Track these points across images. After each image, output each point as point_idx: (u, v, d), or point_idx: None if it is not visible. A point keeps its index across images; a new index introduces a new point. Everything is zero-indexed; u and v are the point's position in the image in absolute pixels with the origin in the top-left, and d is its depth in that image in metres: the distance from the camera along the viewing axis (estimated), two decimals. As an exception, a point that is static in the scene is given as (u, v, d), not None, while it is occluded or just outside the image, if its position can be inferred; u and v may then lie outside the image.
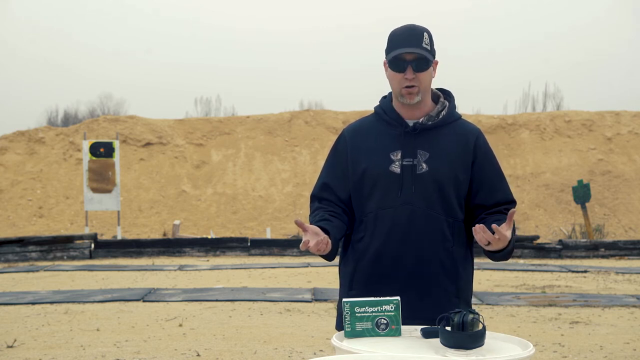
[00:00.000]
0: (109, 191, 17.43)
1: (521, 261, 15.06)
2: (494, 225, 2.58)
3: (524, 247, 15.77)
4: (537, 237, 16.49)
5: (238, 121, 25.67)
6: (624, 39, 64.01)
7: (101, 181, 17.40)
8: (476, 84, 57.18)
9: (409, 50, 2.74)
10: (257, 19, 72.08)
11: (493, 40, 68.31)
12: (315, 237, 2.68)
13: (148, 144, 24.46)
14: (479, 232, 2.60)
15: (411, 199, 2.77)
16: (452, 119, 2.88)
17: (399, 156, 2.80)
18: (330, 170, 2.92)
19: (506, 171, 23.88)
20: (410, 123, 2.84)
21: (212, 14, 76.89)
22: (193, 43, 68.07)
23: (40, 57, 68.26)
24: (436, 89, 2.95)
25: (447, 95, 2.95)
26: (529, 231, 20.88)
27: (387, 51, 2.82)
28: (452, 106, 2.91)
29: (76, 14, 72.98)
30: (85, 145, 17.53)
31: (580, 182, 18.19)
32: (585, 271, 12.82)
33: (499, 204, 2.84)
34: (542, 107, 32.02)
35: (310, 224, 2.79)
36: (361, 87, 60.05)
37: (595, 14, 69.33)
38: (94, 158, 17.40)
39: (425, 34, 2.79)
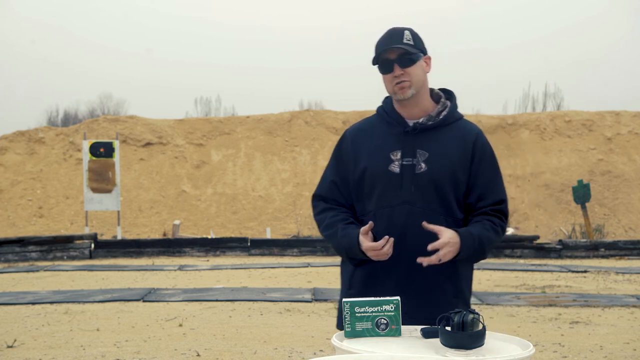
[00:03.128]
0: (109, 191, 17.43)
1: (521, 261, 15.06)
2: (428, 249, 2.68)
3: (524, 247, 15.77)
4: (537, 237, 16.48)
5: (238, 121, 25.68)
6: (624, 39, 64.05)
7: (101, 181, 17.40)
8: (476, 83, 57.17)
9: (389, 46, 2.79)
10: (257, 18, 72.09)
11: (493, 39, 68.31)
12: (382, 242, 2.72)
13: (148, 144, 24.46)
14: (424, 261, 2.69)
15: (410, 198, 2.78)
16: (453, 119, 2.89)
17: (398, 156, 2.81)
18: (335, 171, 2.93)
19: (506, 171, 23.88)
20: (411, 123, 2.85)
21: (212, 13, 76.92)
22: (193, 43, 68.10)
23: (40, 56, 68.28)
24: (438, 89, 2.96)
25: (449, 95, 2.96)
26: (529, 231, 20.88)
27: (374, 57, 2.86)
28: (454, 106, 2.92)
29: (76, 13, 73.00)
30: (85, 145, 17.53)
31: (580, 182, 18.19)
32: (585, 271, 12.81)
33: (488, 205, 2.85)
34: (542, 107, 32.02)
35: (334, 223, 2.85)
36: (361, 87, 60.04)
37: (596, 13, 69.36)
38: (94, 158, 17.40)
39: (406, 32, 2.83)
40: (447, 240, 2.67)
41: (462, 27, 67.10)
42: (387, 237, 2.71)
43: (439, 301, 2.76)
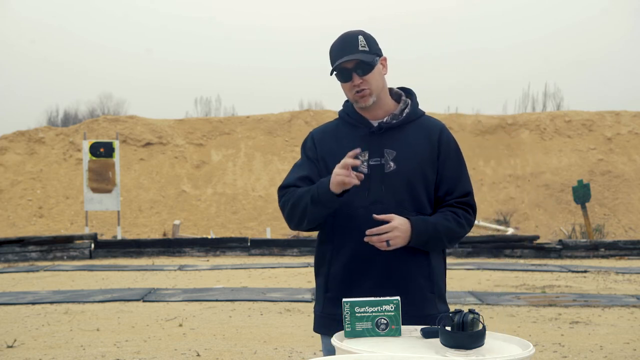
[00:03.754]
0: (109, 191, 17.43)
1: (521, 261, 15.06)
2: (368, 231, 2.66)
3: (524, 247, 15.77)
4: (537, 237, 16.48)
5: (238, 121, 25.68)
6: (624, 39, 64.07)
7: (101, 181, 17.40)
8: (476, 83, 57.19)
9: (346, 59, 2.76)
10: (257, 18, 72.10)
11: (493, 39, 68.33)
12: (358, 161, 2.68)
13: (148, 144, 24.47)
14: (371, 239, 2.67)
15: (381, 197, 2.78)
16: (416, 116, 2.90)
17: (366, 156, 2.81)
18: (305, 167, 2.89)
19: (506, 171, 23.88)
20: (375, 123, 2.86)
21: (212, 13, 76.92)
22: (193, 43, 68.12)
23: (40, 56, 68.30)
24: (398, 87, 2.97)
25: (408, 93, 2.96)
26: (529, 231, 20.88)
27: (331, 66, 2.84)
28: (415, 103, 2.93)
29: (76, 13, 73.01)
30: (85, 145, 17.53)
31: (580, 182, 18.19)
32: (585, 271, 12.81)
33: (454, 198, 2.87)
34: (542, 107, 32.04)
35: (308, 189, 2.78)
36: (361, 87, 59.91)
37: (596, 13, 69.38)
38: (94, 158, 17.40)
39: (360, 36, 2.81)
40: (395, 225, 2.68)
41: (462, 27, 67.14)
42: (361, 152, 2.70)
43: (415, 298, 2.77)
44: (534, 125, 25.27)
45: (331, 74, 2.84)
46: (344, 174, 2.64)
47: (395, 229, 2.68)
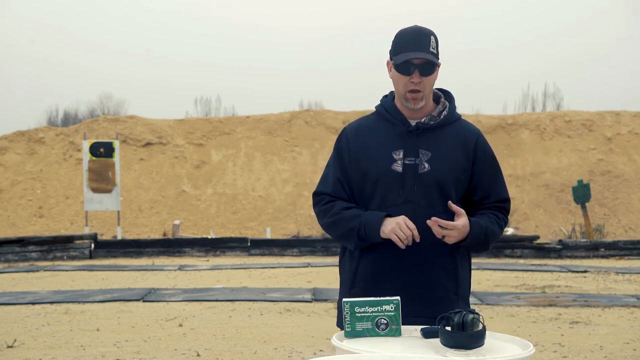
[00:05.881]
0: (109, 191, 17.42)
1: (521, 261, 15.06)
2: (434, 218, 2.68)
3: (524, 247, 15.76)
4: (537, 237, 16.48)
5: (238, 121, 25.68)
6: (624, 39, 64.04)
7: (101, 181, 17.39)
8: (476, 83, 57.20)
9: (418, 55, 2.77)
10: (257, 18, 72.09)
11: (492, 39, 68.32)
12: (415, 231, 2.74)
13: (148, 144, 24.46)
14: (433, 225, 2.69)
15: (413, 197, 2.80)
16: (453, 119, 2.91)
17: (401, 155, 2.82)
18: (338, 169, 2.91)
19: (506, 171, 23.87)
20: (413, 122, 2.86)
21: (212, 13, 76.89)
22: (193, 43, 68.09)
23: (40, 56, 68.29)
24: (436, 89, 2.97)
25: (447, 95, 2.97)
26: (529, 231, 20.87)
27: (394, 53, 2.83)
28: (453, 106, 2.94)
29: (76, 13, 73.00)
30: (85, 145, 17.53)
31: (580, 182, 18.18)
32: (585, 271, 12.81)
33: (492, 202, 2.90)
34: (542, 107, 32.04)
35: (351, 207, 2.84)
36: (361, 86, 60.04)
37: (596, 13, 69.36)
38: (94, 158, 17.40)
39: (432, 37, 2.82)
40: (459, 226, 2.71)
41: (462, 27, 67.10)
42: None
43: (441, 299, 2.80)
44: (534, 125, 25.27)
45: (393, 61, 2.82)
46: (402, 237, 2.70)
47: (457, 230, 2.71)
